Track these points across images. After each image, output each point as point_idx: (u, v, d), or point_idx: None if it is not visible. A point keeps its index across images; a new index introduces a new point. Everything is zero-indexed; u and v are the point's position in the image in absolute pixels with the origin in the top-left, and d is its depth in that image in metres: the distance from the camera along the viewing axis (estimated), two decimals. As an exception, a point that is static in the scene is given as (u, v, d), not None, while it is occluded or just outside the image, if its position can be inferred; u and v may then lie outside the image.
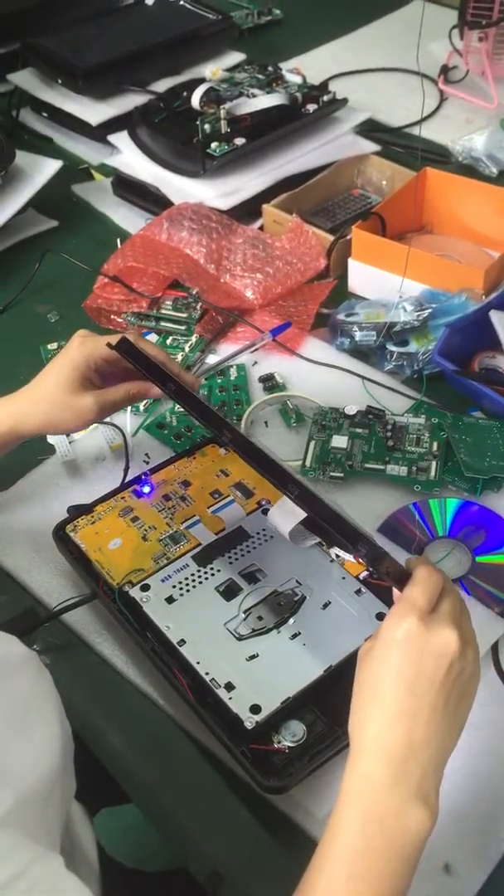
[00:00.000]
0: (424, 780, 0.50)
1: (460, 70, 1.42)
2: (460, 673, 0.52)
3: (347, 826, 0.50)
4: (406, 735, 0.50)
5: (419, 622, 0.52)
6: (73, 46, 1.35)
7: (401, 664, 0.51)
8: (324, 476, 0.83)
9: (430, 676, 0.51)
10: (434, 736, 0.51)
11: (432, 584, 0.53)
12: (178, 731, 0.68)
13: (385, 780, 0.50)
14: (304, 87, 1.21)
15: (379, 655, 0.53)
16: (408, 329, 0.94)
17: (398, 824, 0.49)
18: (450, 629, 0.52)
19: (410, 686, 0.51)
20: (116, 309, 1.03)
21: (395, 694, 0.51)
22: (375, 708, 0.52)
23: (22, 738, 0.52)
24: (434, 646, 0.51)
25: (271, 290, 1.03)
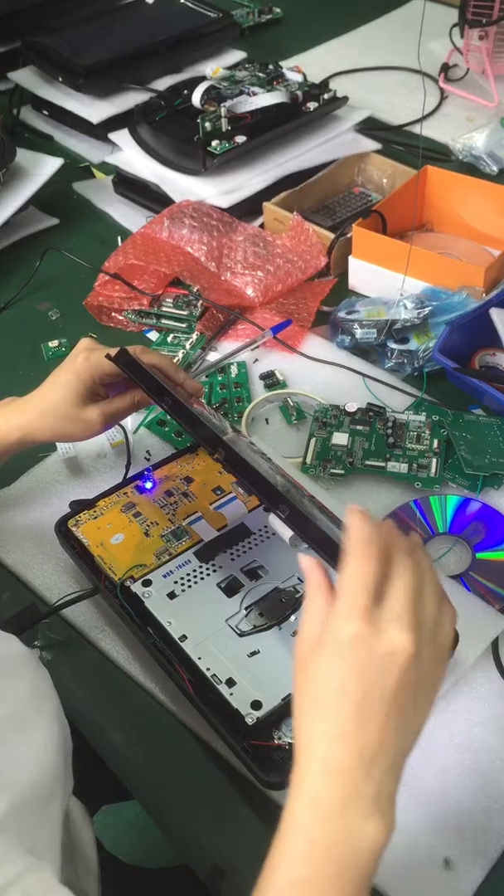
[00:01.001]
0: (379, 795, 0.45)
1: (461, 68, 1.42)
2: (417, 679, 0.46)
3: (294, 853, 0.45)
4: (356, 753, 0.45)
5: (360, 624, 0.45)
6: (74, 45, 1.35)
7: (344, 677, 0.46)
8: (324, 473, 0.83)
9: (380, 690, 0.45)
10: (388, 748, 0.45)
11: (371, 574, 0.47)
12: (179, 726, 0.68)
13: (335, 804, 0.45)
14: (305, 86, 1.21)
15: (319, 666, 0.47)
16: (408, 327, 0.94)
17: (350, 846, 0.44)
18: (401, 632, 0.45)
19: (357, 702, 0.45)
20: (117, 307, 1.03)
21: (340, 711, 0.46)
22: (320, 725, 0.46)
23: (20, 740, 0.52)
24: (380, 655, 0.45)
25: (272, 288, 1.03)
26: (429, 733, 0.65)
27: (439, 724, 0.66)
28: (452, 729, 0.66)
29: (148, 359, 0.75)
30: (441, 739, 0.65)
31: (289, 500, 0.59)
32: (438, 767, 0.64)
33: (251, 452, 0.74)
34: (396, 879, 0.59)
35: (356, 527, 0.48)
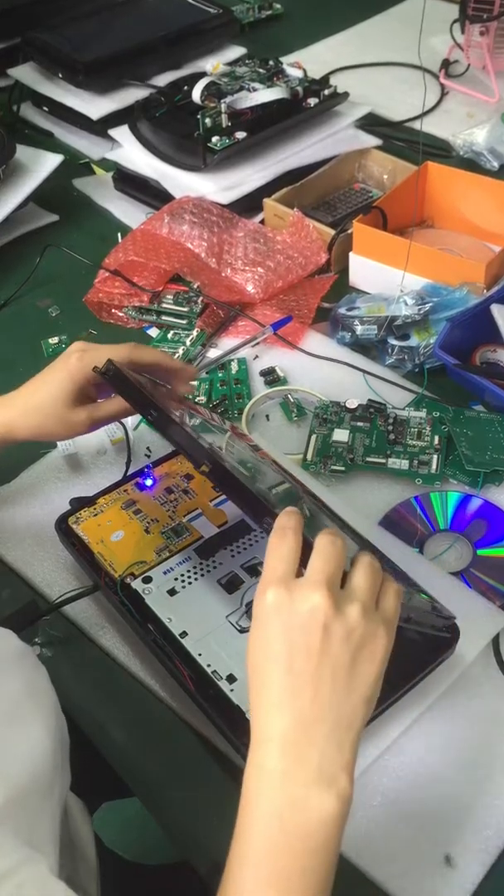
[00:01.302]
0: (324, 762, 0.46)
1: (461, 64, 1.42)
2: (346, 636, 0.47)
3: (248, 826, 0.46)
4: (293, 718, 0.46)
5: (278, 590, 0.48)
6: (74, 41, 1.34)
7: (269, 642, 0.48)
8: (325, 470, 0.83)
9: (305, 648, 0.47)
10: (328, 711, 0.46)
11: (287, 547, 0.50)
12: (179, 723, 0.68)
13: (279, 771, 0.46)
14: (305, 82, 1.21)
15: (252, 638, 0.49)
16: (409, 323, 0.94)
17: (298, 816, 0.45)
18: (314, 590, 0.47)
19: (286, 664, 0.47)
20: (117, 303, 1.03)
21: (273, 675, 0.47)
22: (261, 695, 0.48)
23: (16, 734, 0.52)
24: (299, 613, 0.47)
25: (272, 285, 1.03)
26: (429, 730, 0.65)
27: (440, 720, 0.66)
28: (453, 725, 0.66)
29: (141, 355, 0.74)
30: (442, 736, 0.65)
31: (275, 513, 0.57)
32: (439, 764, 0.64)
33: (248, 454, 0.73)
34: (397, 876, 0.59)
35: (280, 519, 0.52)
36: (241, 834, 0.47)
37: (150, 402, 0.69)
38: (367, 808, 0.62)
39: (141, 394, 0.69)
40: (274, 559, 0.50)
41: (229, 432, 0.77)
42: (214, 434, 0.75)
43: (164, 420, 0.67)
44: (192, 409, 0.80)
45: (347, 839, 0.60)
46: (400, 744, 0.64)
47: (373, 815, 0.61)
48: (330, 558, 0.50)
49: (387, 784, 0.63)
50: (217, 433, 0.76)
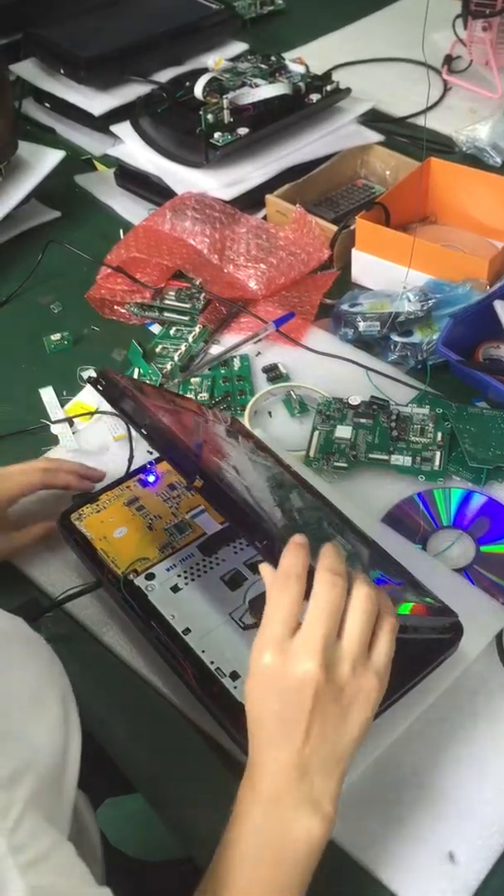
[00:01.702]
0: (313, 790, 0.51)
1: (464, 60, 1.41)
2: (337, 697, 0.51)
3: (238, 838, 0.51)
4: (287, 754, 0.51)
5: (274, 655, 0.51)
6: (76, 37, 1.34)
7: (263, 698, 0.52)
8: (328, 466, 0.83)
9: (297, 710, 0.51)
10: (319, 750, 0.51)
11: (288, 600, 0.51)
12: (182, 720, 0.68)
13: (271, 795, 0.51)
14: (307, 77, 1.21)
15: (248, 686, 0.53)
16: (412, 319, 0.93)
17: (286, 835, 0.50)
18: (308, 659, 0.50)
19: (280, 716, 0.51)
20: (119, 300, 1.03)
21: (267, 723, 0.52)
22: (256, 734, 0.53)
23: (38, 718, 0.52)
24: (293, 678, 0.50)
25: (275, 281, 1.03)
26: (432, 726, 0.65)
27: (442, 717, 0.66)
28: (456, 722, 0.66)
29: (53, 479, 0.77)
30: (444, 733, 0.65)
31: (267, 531, 0.57)
32: (442, 761, 0.64)
33: (247, 464, 0.73)
34: (400, 873, 0.59)
35: (285, 560, 0.52)
36: (231, 844, 0.51)
37: (142, 415, 0.67)
38: (369, 806, 0.62)
39: (133, 406, 0.68)
40: (274, 618, 0.52)
41: (252, 450, 0.76)
42: (236, 449, 0.75)
43: (156, 432, 0.66)
44: (196, 410, 0.79)
45: (351, 836, 0.60)
46: (402, 741, 0.64)
47: (376, 813, 0.61)
48: (328, 612, 0.51)
49: (389, 781, 0.63)
50: (235, 446, 0.75)
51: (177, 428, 0.69)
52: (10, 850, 0.42)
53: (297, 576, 0.52)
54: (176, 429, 0.68)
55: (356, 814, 0.61)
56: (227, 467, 0.68)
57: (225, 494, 0.60)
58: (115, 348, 0.99)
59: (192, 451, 0.65)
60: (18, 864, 0.42)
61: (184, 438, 0.66)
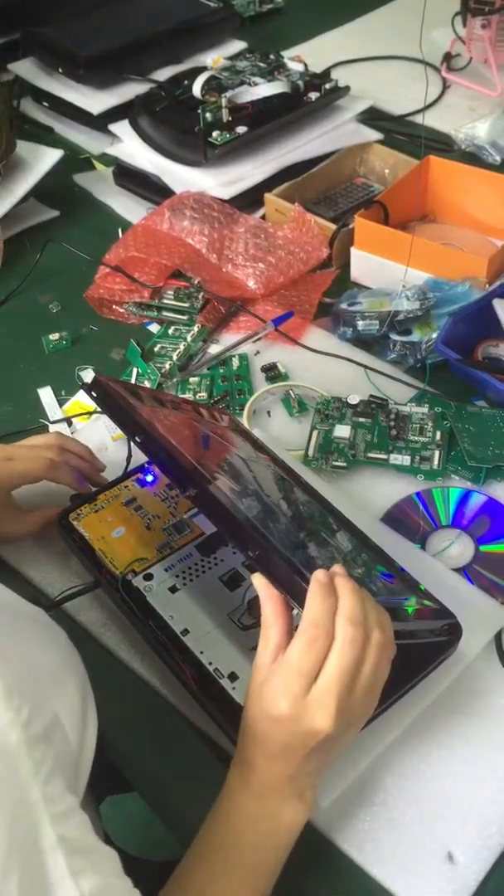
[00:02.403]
0: (297, 783, 0.54)
1: (463, 58, 1.41)
2: (335, 742, 0.54)
3: (221, 825, 0.55)
4: (280, 772, 0.54)
5: (293, 706, 0.52)
6: (74, 35, 1.34)
7: (270, 733, 0.53)
8: (327, 466, 0.83)
9: (298, 748, 0.53)
10: (309, 768, 0.54)
11: (316, 654, 0.52)
12: (181, 721, 0.67)
13: (258, 791, 0.54)
14: (306, 76, 1.21)
15: (255, 710, 0.54)
16: (411, 318, 0.93)
17: (272, 822, 0.54)
18: (325, 717, 0.52)
19: (281, 746, 0.53)
20: (118, 299, 1.03)
21: (266, 746, 0.54)
22: (253, 745, 0.55)
23: (59, 698, 0.52)
24: (305, 731, 0.52)
25: (274, 280, 1.02)
26: (431, 726, 0.65)
27: (442, 716, 0.66)
28: (455, 721, 0.65)
29: (56, 476, 0.76)
30: (444, 732, 0.65)
31: (260, 542, 0.57)
32: (441, 760, 0.64)
33: (244, 467, 0.72)
34: (400, 873, 0.59)
35: (313, 606, 0.53)
36: (215, 829, 0.55)
37: (137, 423, 0.66)
38: (368, 806, 0.62)
39: (128, 414, 0.67)
40: (298, 670, 0.52)
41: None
42: (234, 452, 0.74)
43: (152, 442, 0.65)
44: (192, 412, 0.79)
45: (349, 836, 0.60)
46: (402, 740, 0.64)
47: (375, 813, 0.61)
48: (349, 673, 0.52)
49: (389, 781, 0.63)
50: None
51: (173, 434, 0.68)
52: (44, 799, 0.44)
53: (326, 629, 0.52)
54: (172, 435, 0.67)
55: (354, 813, 0.61)
56: (223, 474, 0.67)
57: (217, 504, 0.60)
58: (114, 348, 0.99)
59: (187, 459, 0.64)
60: (50, 813, 0.44)
61: (179, 445, 0.65)
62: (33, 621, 0.56)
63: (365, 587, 0.56)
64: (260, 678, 0.54)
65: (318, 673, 0.52)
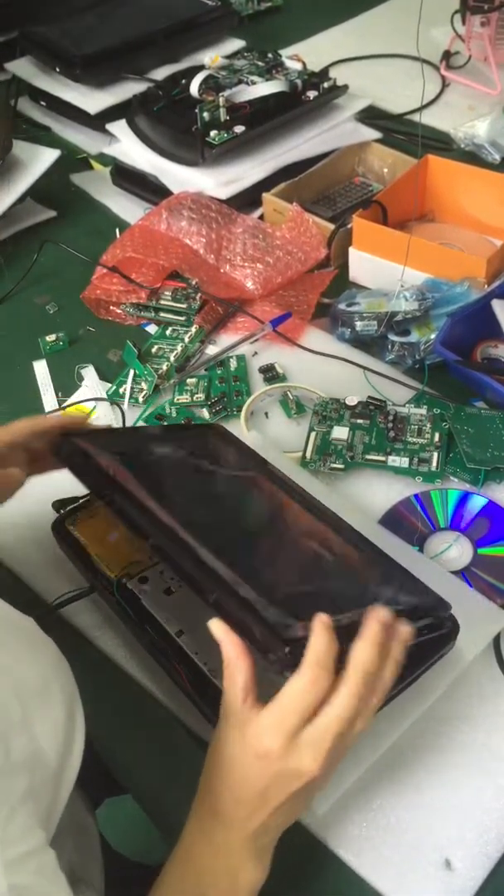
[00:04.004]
0: (258, 843, 0.53)
1: (462, 56, 1.40)
2: (311, 790, 0.53)
3: (184, 875, 0.53)
4: (246, 823, 0.52)
5: (281, 744, 0.51)
6: (71, 34, 1.33)
7: (250, 772, 0.52)
8: (324, 467, 0.82)
9: (278, 790, 0.52)
10: (271, 828, 0.53)
11: (314, 697, 0.51)
12: (178, 725, 0.67)
13: (223, 846, 0.53)
14: (304, 74, 1.20)
15: (232, 749, 0.53)
16: (409, 319, 0.93)
17: (232, 880, 0.53)
18: (314, 759, 0.51)
19: (256, 792, 0.52)
20: (115, 300, 1.02)
21: (240, 789, 0.52)
22: (224, 788, 0.53)
23: (44, 715, 0.52)
24: (291, 770, 0.51)
25: (271, 280, 1.02)
26: (429, 731, 0.64)
27: (440, 721, 0.65)
28: (453, 726, 0.65)
29: (50, 423, 0.70)
30: (441, 737, 0.65)
31: (216, 590, 0.56)
32: (439, 766, 0.63)
33: (228, 496, 0.71)
34: (397, 880, 0.58)
35: (315, 645, 0.52)
36: (174, 880, 0.53)
37: (110, 484, 0.65)
38: (365, 812, 0.61)
39: (101, 477, 0.65)
40: (294, 708, 0.51)
41: None
42: (215, 477, 0.73)
43: (125, 504, 0.63)
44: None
45: (346, 842, 0.60)
46: (399, 746, 0.64)
47: (371, 819, 0.61)
48: (345, 720, 0.51)
49: (386, 787, 0.62)
50: None
51: (146, 477, 0.66)
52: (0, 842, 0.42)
53: (329, 671, 0.51)
54: (144, 478, 0.66)
55: (351, 820, 0.61)
56: (198, 508, 0.67)
57: (175, 559, 0.59)
58: (111, 349, 0.99)
59: (151, 513, 0.62)
60: (5, 859, 0.42)
61: (148, 490, 0.64)
62: (19, 631, 0.55)
63: None
64: (237, 719, 0.52)
65: (313, 715, 0.51)
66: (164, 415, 0.89)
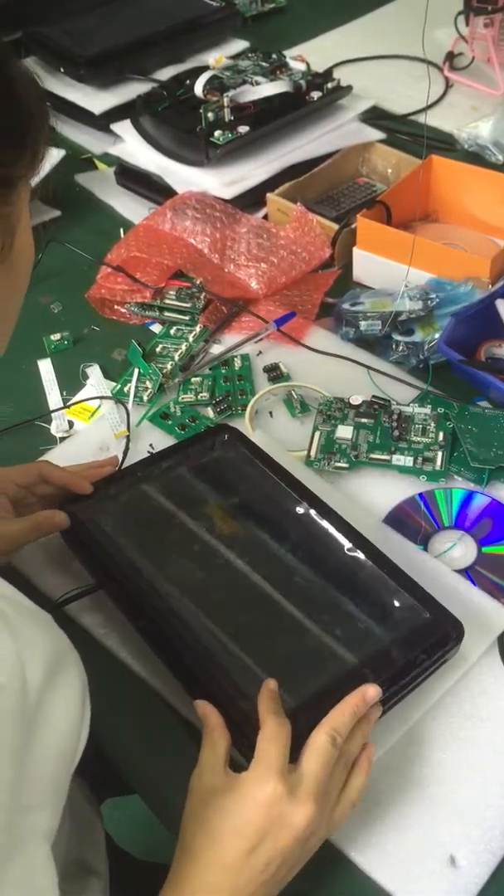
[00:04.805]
0: None
1: (466, 57, 1.41)
2: (305, 844, 0.53)
3: None
4: (232, 885, 0.52)
5: (278, 786, 0.52)
6: (76, 35, 1.34)
7: (246, 821, 0.52)
8: (329, 466, 0.83)
9: (274, 844, 0.52)
10: (262, 890, 0.52)
11: (285, 737, 0.55)
12: (182, 723, 0.67)
13: None
14: (308, 75, 1.20)
15: (222, 801, 0.53)
16: (413, 318, 0.93)
17: None
18: (308, 806, 0.52)
19: (250, 845, 0.52)
20: (120, 299, 1.03)
21: (231, 845, 0.52)
22: (208, 849, 0.53)
23: (58, 696, 0.52)
24: (291, 819, 0.52)
25: (276, 280, 1.02)
26: (433, 729, 0.65)
27: (444, 719, 0.65)
28: (457, 724, 0.65)
29: (56, 476, 0.75)
30: (446, 735, 0.65)
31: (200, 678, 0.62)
32: (444, 764, 0.63)
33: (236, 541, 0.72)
34: (401, 877, 0.58)
35: (267, 703, 0.57)
36: None
37: (109, 563, 0.70)
38: (370, 809, 0.61)
39: (101, 560, 0.71)
40: (271, 746, 0.55)
41: None
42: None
43: (124, 588, 0.69)
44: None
45: (351, 840, 0.60)
46: (403, 743, 0.64)
47: (376, 816, 0.61)
48: (326, 762, 0.55)
49: (390, 784, 0.62)
50: None
51: (141, 551, 0.71)
52: None
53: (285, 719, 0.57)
54: (138, 553, 0.71)
55: (356, 817, 0.61)
56: (190, 574, 0.70)
57: (161, 646, 0.66)
58: (116, 348, 0.99)
59: (145, 591, 0.68)
60: None
61: (142, 573, 0.70)
62: (39, 623, 0.56)
63: None
64: (219, 780, 0.55)
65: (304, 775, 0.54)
66: (169, 413, 0.89)
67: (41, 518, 0.73)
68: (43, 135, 0.50)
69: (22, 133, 0.48)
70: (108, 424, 0.89)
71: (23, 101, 0.48)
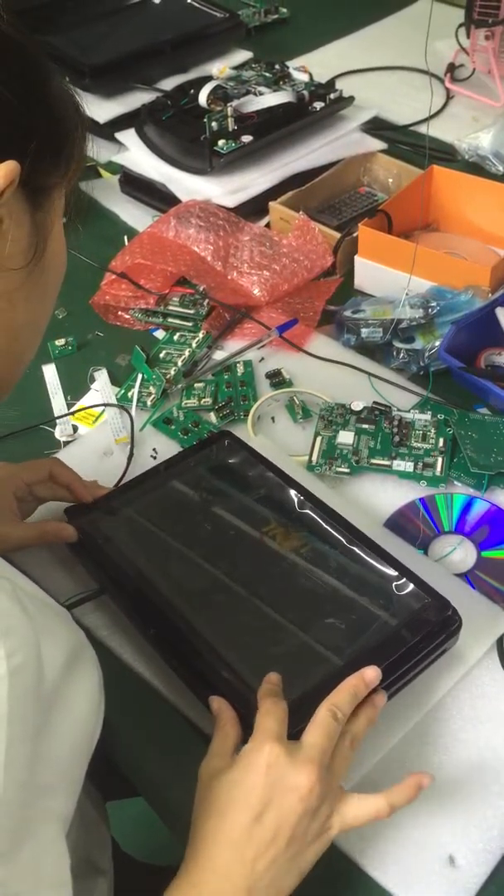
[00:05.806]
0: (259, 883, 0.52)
1: (467, 68, 1.42)
2: (314, 814, 0.53)
3: None
4: (241, 864, 0.51)
5: (275, 747, 0.53)
6: (81, 44, 1.35)
7: (250, 788, 0.53)
8: (330, 472, 0.83)
9: (279, 812, 0.52)
10: (273, 868, 0.52)
11: (281, 711, 0.56)
12: (187, 725, 0.68)
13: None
14: (311, 85, 1.21)
15: (227, 775, 0.54)
16: (414, 326, 0.94)
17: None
18: (310, 769, 0.53)
19: (256, 813, 0.52)
20: (124, 305, 1.04)
21: (237, 817, 0.52)
22: (216, 828, 0.52)
23: (78, 687, 0.52)
24: (292, 780, 0.52)
25: (278, 287, 1.03)
26: (433, 730, 0.65)
27: (444, 721, 0.66)
28: (457, 726, 0.66)
29: (64, 476, 0.76)
30: (445, 736, 0.65)
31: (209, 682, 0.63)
32: (443, 764, 0.64)
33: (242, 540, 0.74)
34: (400, 876, 0.59)
35: (266, 691, 0.58)
36: None
37: (118, 574, 0.71)
38: (371, 809, 0.62)
39: (110, 569, 0.72)
40: (269, 717, 0.56)
41: None
42: None
43: (126, 595, 0.71)
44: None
45: (350, 839, 0.60)
46: (403, 744, 0.64)
47: (377, 816, 0.62)
48: (328, 734, 0.55)
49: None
50: None
51: (144, 558, 0.72)
52: None
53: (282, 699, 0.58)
54: (143, 560, 0.72)
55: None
56: (193, 578, 0.71)
57: (172, 650, 0.67)
58: (120, 353, 1.00)
59: (147, 598, 0.69)
60: None
61: (143, 580, 0.71)
62: (60, 617, 0.56)
63: None
64: (215, 764, 0.57)
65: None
66: (172, 418, 0.90)
67: (49, 529, 0.74)
68: (79, 147, 0.51)
69: (58, 146, 0.50)
70: (112, 429, 0.90)
71: (62, 117, 0.49)
